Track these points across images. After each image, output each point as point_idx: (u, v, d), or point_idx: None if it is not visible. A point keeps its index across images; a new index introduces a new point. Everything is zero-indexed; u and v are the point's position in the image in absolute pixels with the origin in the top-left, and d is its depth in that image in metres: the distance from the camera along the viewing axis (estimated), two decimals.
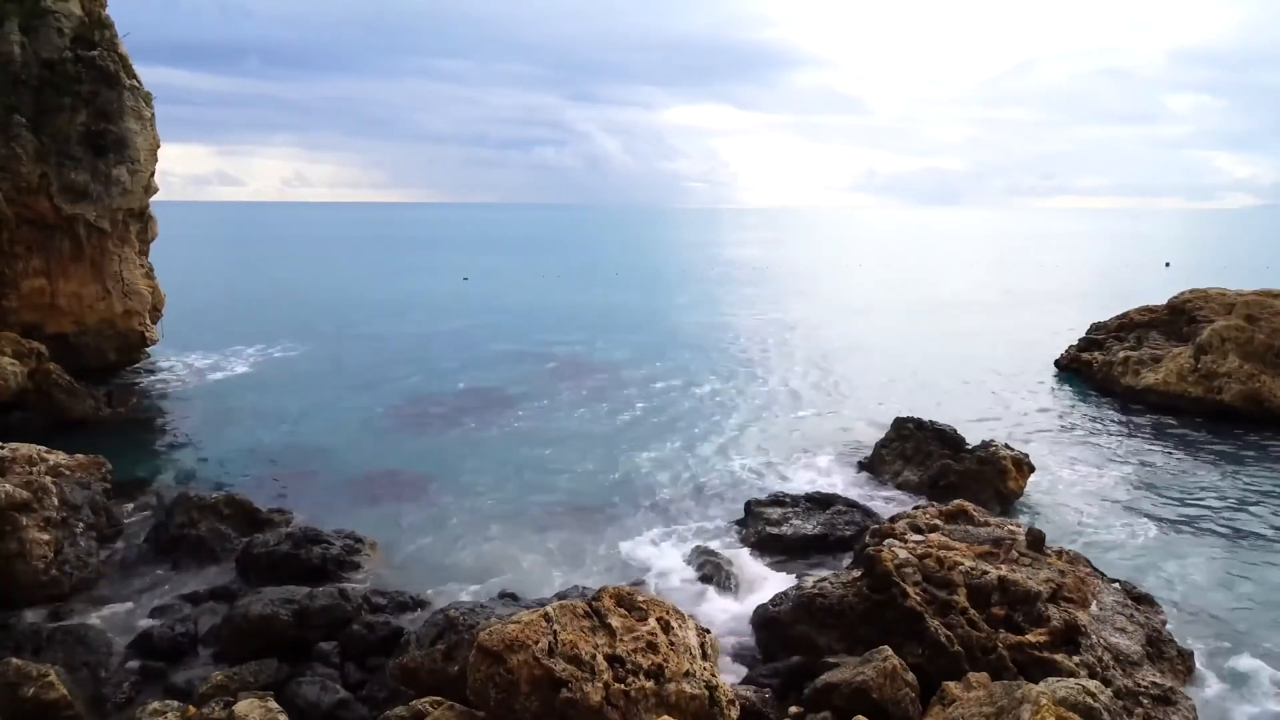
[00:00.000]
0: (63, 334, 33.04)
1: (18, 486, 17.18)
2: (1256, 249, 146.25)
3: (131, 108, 33.22)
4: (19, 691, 12.46)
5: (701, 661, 11.73)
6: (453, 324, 54.42)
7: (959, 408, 32.40)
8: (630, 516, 22.11)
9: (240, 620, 15.05)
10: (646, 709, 10.74)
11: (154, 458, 26.67)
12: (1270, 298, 33.36)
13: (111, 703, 13.67)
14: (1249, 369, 31.06)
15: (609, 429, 30.13)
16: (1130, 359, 35.19)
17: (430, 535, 20.76)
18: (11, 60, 30.74)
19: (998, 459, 23.03)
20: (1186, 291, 38.32)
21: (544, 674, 10.64)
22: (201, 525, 19.38)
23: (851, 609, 14.58)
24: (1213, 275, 66.55)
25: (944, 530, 16.71)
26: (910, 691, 12.59)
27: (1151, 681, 13.13)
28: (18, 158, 30.45)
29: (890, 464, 25.31)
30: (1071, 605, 14.33)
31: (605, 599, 12.08)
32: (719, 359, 43.32)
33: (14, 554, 16.36)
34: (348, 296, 69.02)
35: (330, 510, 22.12)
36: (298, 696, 13.18)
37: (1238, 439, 28.54)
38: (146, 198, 35.21)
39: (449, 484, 24.22)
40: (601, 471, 25.56)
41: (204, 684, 13.45)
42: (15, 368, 28.75)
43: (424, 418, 31.58)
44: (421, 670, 12.99)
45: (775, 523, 20.09)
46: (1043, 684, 10.60)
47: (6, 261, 31.72)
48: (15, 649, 14.35)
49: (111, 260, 33.89)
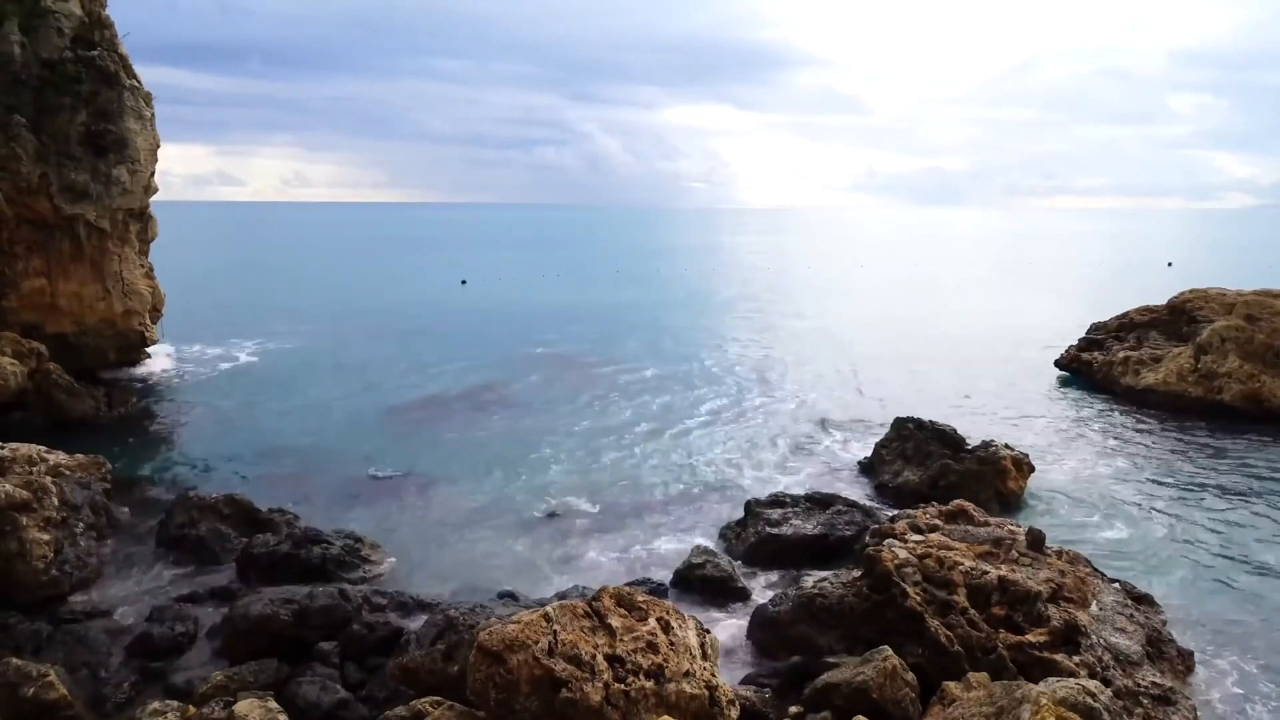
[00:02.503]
0: (63, 334, 33.06)
1: (18, 486, 17.19)
2: (1256, 249, 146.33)
3: (131, 108, 33.23)
4: (19, 691, 12.46)
5: (701, 661, 11.72)
6: (452, 324, 54.47)
7: (959, 407, 32.43)
8: (630, 516, 22.14)
9: (240, 620, 15.05)
10: (646, 709, 10.73)
11: (154, 458, 26.68)
12: (1270, 298, 33.38)
13: (111, 703, 13.68)
14: (1249, 369, 31.07)
15: (609, 429, 30.14)
16: (1130, 359, 35.19)
17: (430, 535, 20.78)
18: (11, 60, 30.75)
19: (998, 459, 23.04)
20: (1186, 291, 38.34)
21: (544, 674, 10.64)
22: (201, 525, 19.41)
23: (851, 609, 14.58)
24: (1213, 275, 66.54)
25: (944, 530, 16.72)
26: (910, 691, 12.59)
27: (1151, 681, 13.13)
28: (18, 158, 30.45)
29: (890, 464, 25.31)
30: (1071, 605, 14.32)
31: (605, 599, 12.08)
32: (719, 359, 43.36)
33: (14, 554, 16.37)
34: (348, 297, 69.09)
35: (330, 510, 22.16)
36: (298, 696, 13.18)
37: (1238, 439, 28.53)
38: (146, 198, 35.22)
39: (448, 484, 24.24)
40: (601, 471, 25.58)
41: (204, 684, 13.46)
42: (15, 368, 28.76)
43: (424, 418, 31.59)
44: (421, 670, 12.99)
45: (775, 523, 20.09)
46: (1043, 684, 10.61)
47: (6, 261, 31.73)
48: (15, 649, 14.36)
49: (111, 260, 33.91)
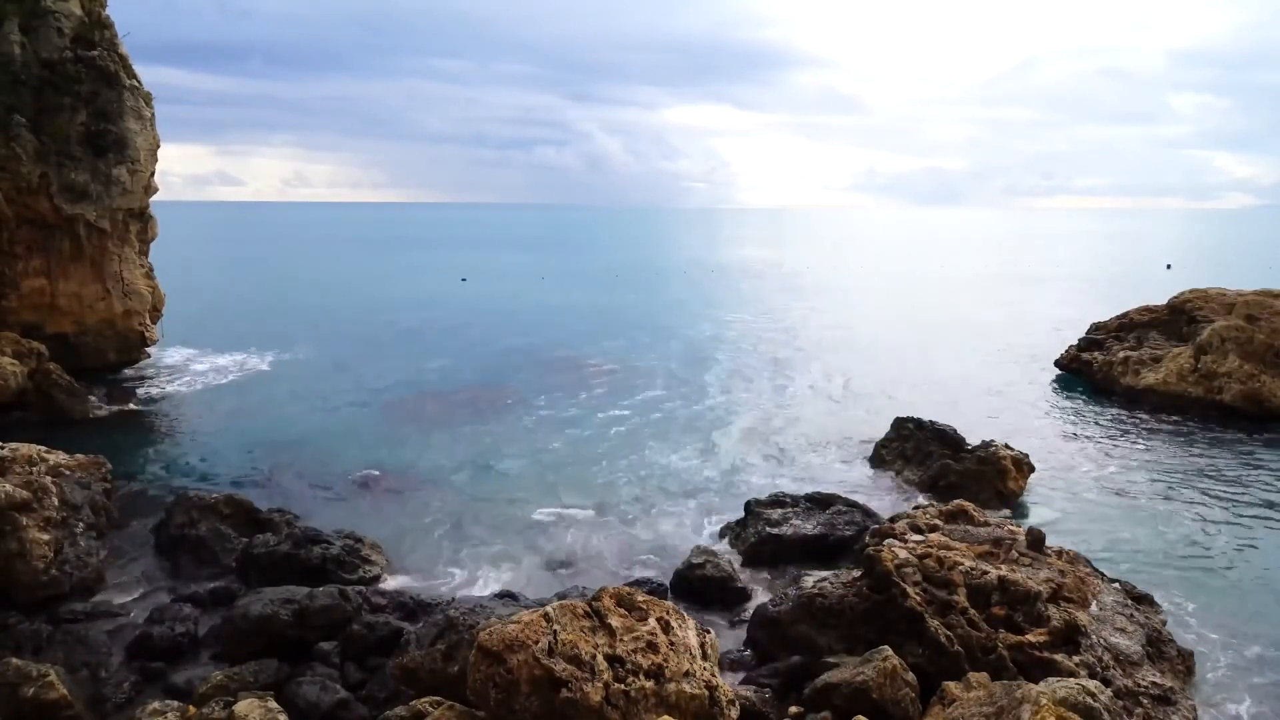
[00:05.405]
0: (63, 334, 33.07)
1: (18, 486, 17.19)
2: (1256, 249, 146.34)
3: (131, 108, 33.23)
4: (19, 691, 12.46)
5: (701, 661, 11.72)
6: (452, 324, 54.48)
7: (959, 407, 32.40)
8: (630, 516, 22.14)
9: (240, 620, 15.05)
10: (646, 709, 10.73)
11: (154, 458, 26.68)
12: (1270, 298, 33.39)
13: (111, 703, 13.68)
14: (1249, 369, 31.07)
15: (609, 430, 30.14)
16: (1130, 359, 35.19)
17: (430, 535, 20.79)
18: (11, 60, 30.75)
19: (998, 459, 23.05)
20: (1186, 291, 38.35)
21: (544, 674, 10.63)
22: (201, 525, 19.40)
23: (851, 609, 14.57)
24: (1213, 275, 66.54)
25: (944, 530, 16.71)
26: (910, 691, 12.59)
27: (1151, 681, 13.12)
28: (18, 158, 30.46)
29: (890, 464, 25.34)
30: (1071, 605, 14.32)
31: (605, 599, 12.07)
32: (719, 359, 43.36)
33: (14, 554, 16.37)
34: (347, 297, 69.11)
35: (330, 510, 22.18)
36: (298, 696, 13.18)
37: (1237, 439, 28.54)
38: (146, 198, 35.22)
39: (449, 484, 24.25)
40: (601, 472, 25.58)
41: (204, 684, 13.45)
42: (15, 368, 28.76)
43: (423, 418, 31.59)
44: (421, 670, 12.98)
45: (775, 523, 20.09)
46: (1043, 684, 10.60)
47: (6, 261, 31.74)
48: (15, 649, 14.36)
49: (111, 260, 33.91)
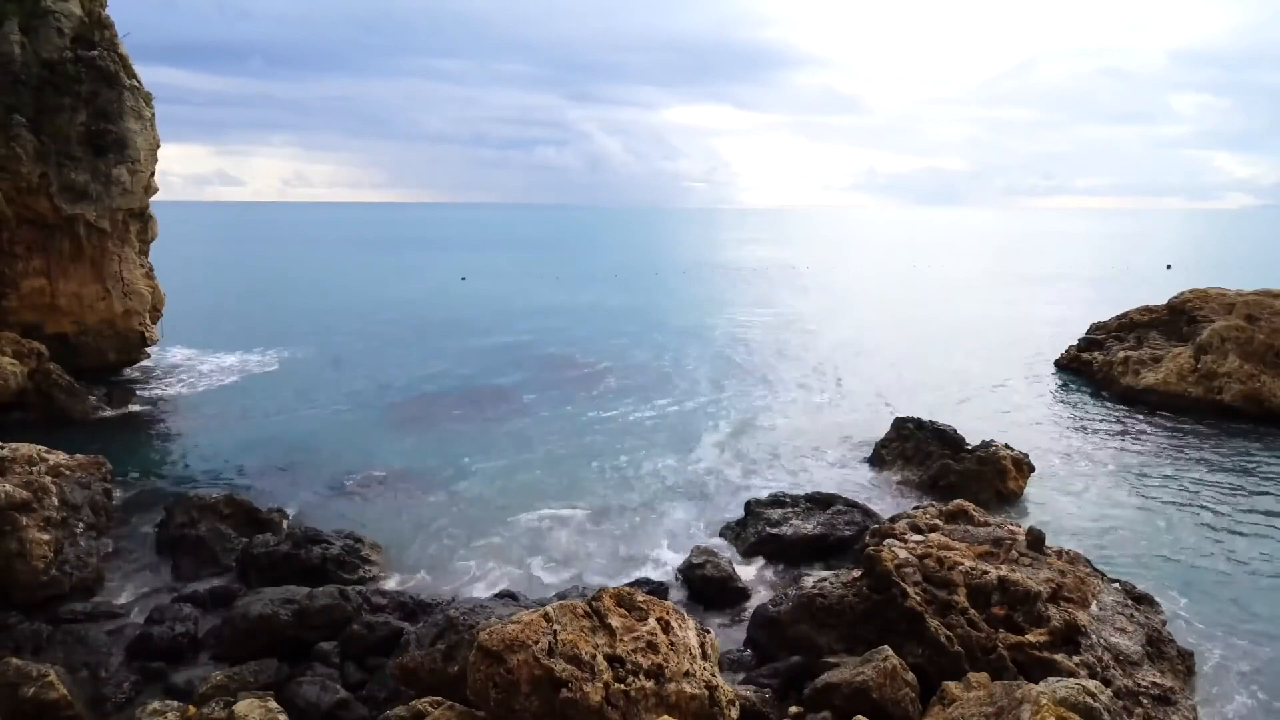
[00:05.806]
0: (63, 334, 33.06)
1: (18, 486, 17.19)
2: (1256, 249, 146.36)
3: (131, 108, 33.22)
4: (19, 691, 12.46)
5: (701, 661, 11.71)
6: (452, 324, 54.46)
7: (959, 407, 32.42)
8: (630, 516, 22.14)
9: (240, 620, 15.05)
10: (646, 709, 10.73)
11: (154, 458, 26.68)
12: (1270, 298, 33.39)
13: (111, 703, 13.68)
14: (1249, 369, 31.07)
15: (609, 429, 30.14)
16: (1130, 359, 35.19)
17: (429, 535, 20.79)
18: (11, 60, 30.73)
19: (998, 459, 23.05)
20: (1186, 291, 38.36)
21: (544, 674, 10.63)
22: (201, 525, 19.40)
23: (851, 609, 14.58)
24: (1213, 275, 66.55)
25: (944, 530, 16.71)
26: (910, 691, 12.59)
27: (1151, 681, 13.12)
28: (18, 158, 30.45)
29: (890, 464, 25.35)
30: (1071, 605, 14.32)
31: (605, 599, 12.07)
32: (719, 359, 43.36)
33: (14, 554, 16.37)
34: (347, 297, 69.08)
35: (330, 510, 22.18)
36: (298, 696, 13.18)
37: (1238, 439, 28.53)
38: (146, 198, 35.20)
39: (448, 484, 24.24)
40: (601, 471, 25.57)
41: (204, 684, 13.45)
42: (15, 368, 28.76)
43: (423, 418, 31.58)
44: (421, 670, 12.98)
45: (775, 523, 20.10)
46: (1043, 684, 10.60)
47: (6, 261, 31.73)
48: (15, 649, 14.36)
49: (111, 260, 33.90)
